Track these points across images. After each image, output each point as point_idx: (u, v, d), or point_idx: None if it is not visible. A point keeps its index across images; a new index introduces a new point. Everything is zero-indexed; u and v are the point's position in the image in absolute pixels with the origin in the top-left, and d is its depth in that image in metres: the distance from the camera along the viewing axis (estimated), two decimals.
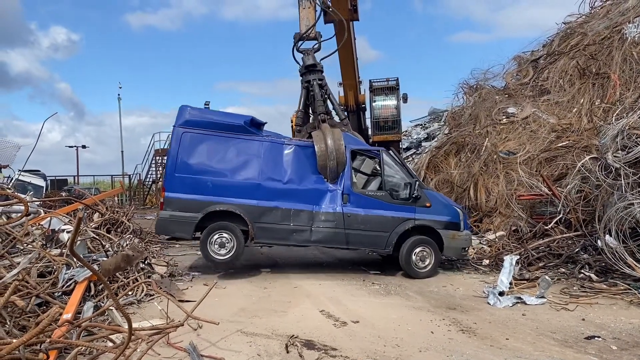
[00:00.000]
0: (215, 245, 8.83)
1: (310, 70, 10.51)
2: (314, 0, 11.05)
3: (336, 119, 10.71)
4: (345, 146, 9.21)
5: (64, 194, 19.06)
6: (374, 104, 20.25)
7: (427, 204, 9.16)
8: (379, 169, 9.39)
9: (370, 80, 20.54)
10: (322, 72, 10.65)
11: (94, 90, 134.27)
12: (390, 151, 9.75)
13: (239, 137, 9.11)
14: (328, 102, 10.59)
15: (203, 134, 9.02)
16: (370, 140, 17.36)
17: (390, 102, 20.39)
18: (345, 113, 18.84)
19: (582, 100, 13.71)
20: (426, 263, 9.10)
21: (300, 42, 10.76)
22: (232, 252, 8.84)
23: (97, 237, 8.64)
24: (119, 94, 52.61)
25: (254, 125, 9.31)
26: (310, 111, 10.64)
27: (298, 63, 10.76)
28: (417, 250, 9.06)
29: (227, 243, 8.84)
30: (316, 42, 10.84)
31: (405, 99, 20.48)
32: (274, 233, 9.00)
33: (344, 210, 9.03)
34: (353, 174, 9.32)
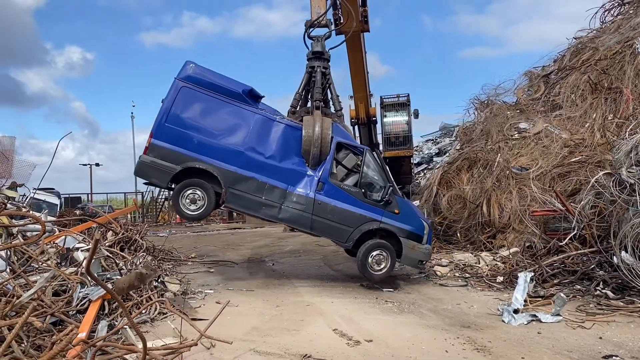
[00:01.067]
0: (187, 200, 9.15)
1: (316, 56, 10.58)
2: None
3: (333, 110, 10.72)
4: (332, 137, 9.41)
5: (78, 212, 19.24)
6: (385, 119, 20.37)
7: (396, 211, 9.42)
8: (360, 166, 9.55)
9: (381, 97, 20.69)
10: (328, 61, 10.71)
11: (107, 108, 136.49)
12: (374, 152, 9.85)
13: (234, 104, 9.35)
14: (328, 91, 10.65)
15: (200, 92, 9.27)
16: (382, 156, 17.37)
17: (401, 117, 20.53)
18: (355, 125, 19.05)
19: (594, 115, 13.61)
20: (381, 266, 9.36)
21: (311, 29, 10.86)
22: (201, 210, 9.21)
23: (111, 255, 8.70)
24: (132, 112, 53.28)
25: (252, 97, 9.55)
26: (309, 96, 10.70)
27: (308, 49, 10.79)
28: (375, 253, 9.32)
29: (199, 200, 9.15)
30: (327, 30, 10.95)
31: (416, 115, 20.59)
32: (245, 202, 9.27)
33: (316, 197, 9.28)
34: (334, 164, 9.53)
